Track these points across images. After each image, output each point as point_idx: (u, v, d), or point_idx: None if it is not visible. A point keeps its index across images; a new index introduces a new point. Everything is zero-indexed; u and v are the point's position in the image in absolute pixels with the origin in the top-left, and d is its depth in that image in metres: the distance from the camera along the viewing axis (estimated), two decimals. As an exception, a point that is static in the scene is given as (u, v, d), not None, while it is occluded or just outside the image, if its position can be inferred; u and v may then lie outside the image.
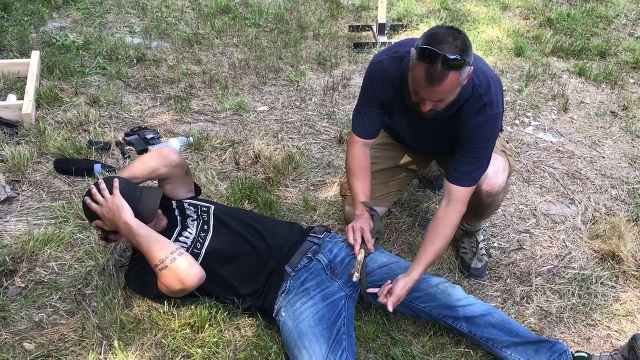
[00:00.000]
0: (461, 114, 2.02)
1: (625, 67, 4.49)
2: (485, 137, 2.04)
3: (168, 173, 2.20)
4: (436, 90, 1.82)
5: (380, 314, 2.20)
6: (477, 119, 2.00)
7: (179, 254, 1.93)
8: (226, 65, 4.09)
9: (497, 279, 2.48)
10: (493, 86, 2.01)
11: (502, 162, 2.20)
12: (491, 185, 2.16)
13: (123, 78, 3.78)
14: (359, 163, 2.27)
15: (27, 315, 2.10)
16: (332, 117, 3.55)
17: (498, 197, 2.24)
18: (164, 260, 1.90)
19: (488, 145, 2.06)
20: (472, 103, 1.99)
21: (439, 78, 1.77)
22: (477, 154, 2.05)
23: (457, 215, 2.09)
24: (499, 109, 2.03)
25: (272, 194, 2.82)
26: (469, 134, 2.03)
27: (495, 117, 2.02)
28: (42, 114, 3.28)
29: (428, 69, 1.77)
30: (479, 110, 1.99)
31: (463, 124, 2.03)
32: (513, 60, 4.47)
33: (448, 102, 1.91)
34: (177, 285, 1.91)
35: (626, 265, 2.53)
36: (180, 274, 1.90)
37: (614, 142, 3.54)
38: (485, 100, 1.98)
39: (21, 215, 2.57)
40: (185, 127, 3.32)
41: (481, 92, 1.98)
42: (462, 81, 1.84)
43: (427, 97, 1.87)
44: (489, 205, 2.29)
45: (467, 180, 2.07)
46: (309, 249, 2.17)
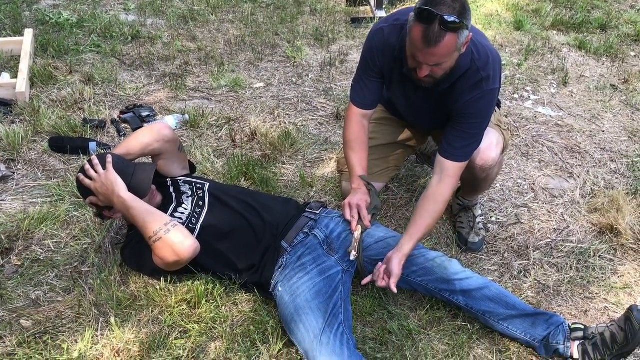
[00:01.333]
0: (458, 86, 2.00)
1: (626, 40, 4.45)
2: (480, 112, 2.02)
3: (161, 148, 2.19)
4: (433, 53, 1.79)
5: (377, 288, 2.20)
6: (473, 94, 1.97)
7: (172, 226, 1.91)
8: (222, 42, 4.04)
9: (495, 253, 2.47)
10: (492, 61, 1.98)
11: (496, 136, 2.18)
12: (484, 160, 2.14)
13: (118, 56, 3.74)
14: (357, 135, 2.25)
15: (23, 293, 2.10)
16: (329, 94, 3.51)
17: (492, 171, 2.23)
18: (157, 232, 1.89)
19: (482, 121, 2.04)
20: (469, 76, 1.97)
21: (436, 39, 1.74)
22: (471, 129, 2.03)
23: (448, 191, 2.09)
24: (496, 85, 2.00)
25: (269, 171, 2.80)
26: (464, 109, 2.01)
27: (491, 93, 1.99)
28: (36, 92, 3.25)
29: (425, 30, 1.74)
30: (475, 85, 1.97)
31: (459, 98, 2.00)
32: (512, 34, 4.42)
33: (445, 69, 1.88)
34: (172, 257, 1.90)
35: (624, 238, 2.52)
36: (175, 245, 1.89)
37: (614, 115, 3.51)
38: (482, 74, 1.96)
39: (17, 194, 2.56)
40: (180, 105, 3.30)
41: (479, 65, 1.96)
42: (460, 46, 1.81)
43: (424, 61, 1.83)
44: (484, 180, 2.28)
45: (460, 155, 2.05)
46: (306, 224, 2.16)
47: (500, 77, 2.04)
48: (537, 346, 1.98)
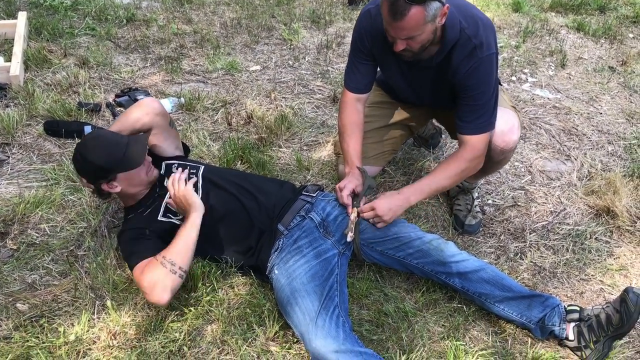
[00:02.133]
0: (452, 58, 1.98)
1: (625, 22, 4.42)
2: (481, 81, 1.99)
3: (151, 122, 2.17)
4: (400, 26, 1.79)
5: (373, 271, 2.21)
6: (469, 64, 1.95)
7: (179, 275, 1.86)
8: (218, 25, 4.01)
9: (491, 236, 2.47)
10: (482, 28, 1.96)
11: (516, 118, 2.17)
12: (506, 142, 2.13)
13: (113, 39, 3.70)
14: (350, 120, 2.24)
15: (19, 276, 2.10)
16: (326, 76, 3.49)
17: (510, 153, 2.22)
18: (171, 263, 1.85)
19: (486, 89, 2.00)
20: (462, 46, 1.95)
21: (401, 12, 1.75)
22: (477, 100, 2.01)
23: (467, 159, 2.07)
24: (491, 50, 1.97)
25: (265, 155, 2.79)
26: (464, 81, 1.99)
27: (488, 59, 1.96)
28: (30, 76, 3.23)
29: (391, 5, 1.76)
30: (469, 54, 1.95)
31: (456, 70, 1.99)
32: (511, 16, 4.39)
33: (422, 42, 1.87)
34: (146, 284, 1.82)
35: (621, 220, 2.52)
36: (159, 284, 1.82)
37: (612, 97, 3.49)
38: (474, 42, 1.94)
39: (12, 178, 2.55)
40: (176, 88, 3.27)
41: (469, 34, 1.94)
42: (431, 18, 1.79)
43: (395, 35, 1.84)
44: (499, 162, 2.27)
45: (474, 128, 2.04)
46: (302, 207, 2.16)
47: (495, 43, 2.00)
48: (533, 328, 1.99)
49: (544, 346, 2.00)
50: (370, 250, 2.11)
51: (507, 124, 2.11)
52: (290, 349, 1.91)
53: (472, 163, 2.07)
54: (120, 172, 2.01)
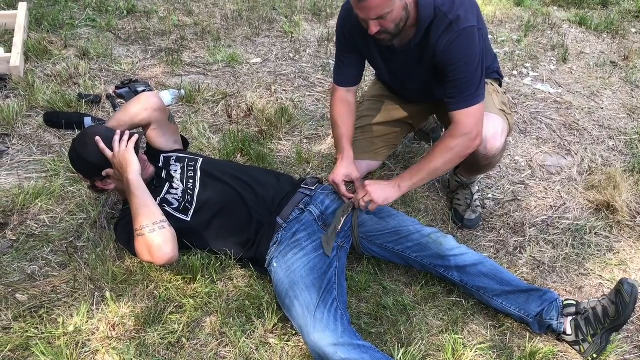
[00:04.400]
0: (430, 37, 1.96)
1: (627, 17, 4.40)
2: (461, 54, 1.94)
3: (150, 117, 2.17)
4: (367, 6, 1.80)
5: (372, 264, 2.21)
6: (446, 38, 1.93)
7: (160, 227, 1.88)
8: (218, 17, 4.00)
9: (491, 230, 2.47)
10: (459, 3, 1.93)
11: (501, 124, 2.14)
12: (489, 149, 2.12)
13: (113, 30, 3.69)
14: (340, 111, 2.26)
15: (19, 267, 2.10)
16: (326, 69, 3.48)
17: (495, 158, 2.21)
18: (143, 227, 1.87)
19: (468, 61, 1.95)
20: (438, 24, 1.93)
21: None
22: (459, 74, 1.96)
23: (455, 136, 2.01)
24: (470, 22, 1.93)
25: (265, 147, 2.79)
26: (444, 56, 1.96)
27: (466, 32, 1.92)
28: (31, 67, 3.22)
29: None
30: (446, 29, 1.92)
31: (435, 48, 1.96)
32: (512, 10, 4.37)
33: (394, 20, 1.86)
34: (146, 256, 1.88)
35: (620, 215, 2.52)
36: (152, 247, 1.85)
37: (613, 92, 3.48)
38: (450, 17, 1.92)
39: (11, 169, 2.55)
40: (176, 80, 3.27)
41: (444, 10, 1.92)
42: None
43: (365, 17, 1.85)
44: (486, 166, 2.27)
45: (459, 103, 1.99)
46: (301, 200, 2.16)
47: (474, 16, 1.96)
48: (531, 322, 1.99)
49: (542, 340, 2.01)
50: (369, 243, 2.12)
51: (490, 130, 2.09)
52: (289, 342, 1.92)
53: (462, 139, 2.00)
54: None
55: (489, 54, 2.30)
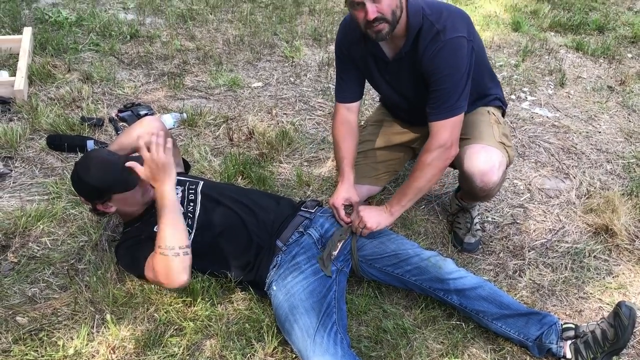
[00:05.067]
0: (418, 46, 2.01)
1: (623, 42, 4.46)
2: (446, 64, 1.97)
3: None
4: None
5: (372, 287, 2.21)
6: (433, 47, 1.97)
7: (184, 253, 1.87)
8: (220, 41, 4.05)
9: (490, 253, 2.48)
10: (446, 14, 1.99)
11: (499, 157, 2.16)
12: (485, 182, 2.14)
13: (116, 54, 3.74)
14: (340, 131, 2.29)
15: (20, 290, 2.11)
16: (327, 93, 3.52)
17: (492, 191, 2.23)
18: (169, 248, 1.85)
19: (451, 72, 1.98)
20: (425, 33, 1.99)
21: None
22: (441, 84, 1.99)
23: (431, 149, 2.04)
24: (457, 33, 1.97)
25: (266, 170, 2.81)
26: (429, 65, 1.99)
27: (452, 42, 1.96)
28: (34, 90, 3.26)
29: None
30: (433, 38, 1.97)
31: (422, 57, 2.00)
32: (510, 36, 4.44)
33: (390, 5, 1.89)
34: (162, 277, 1.87)
35: (619, 238, 2.53)
36: (172, 271, 1.85)
37: (610, 116, 3.52)
38: (437, 27, 1.97)
39: (14, 191, 2.57)
40: (178, 104, 3.30)
41: (432, 20, 1.98)
42: None
43: None
44: (484, 197, 2.30)
45: (437, 114, 2.01)
46: (301, 223, 2.17)
47: (465, 27, 2.01)
48: (530, 346, 1.99)
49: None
50: (369, 267, 2.13)
51: (486, 164, 2.11)
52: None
53: (438, 152, 2.03)
54: (115, 194, 2.03)
55: (487, 74, 2.33)
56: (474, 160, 2.14)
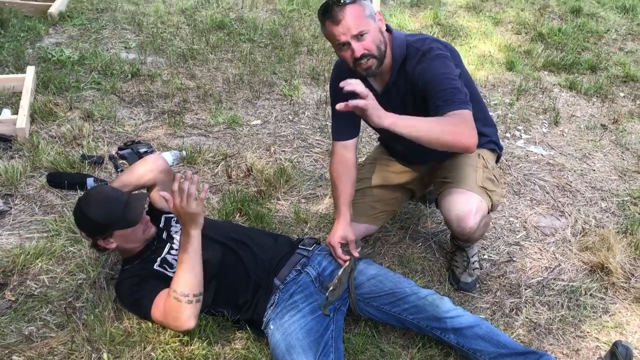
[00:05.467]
0: (406, 71, 2.09)
1: (615, 81, 4.54)
2: (440, 71, 2.02)
3: (155, 179, 2.23)
4: (346, 24, 1.94)
5: (369, 326, 2.21)
6: (421, 65, 2.06)
7: (197, 301, 1.89)
8: (220, 80, 4.12)
9: (487, 291, 2.49)
10: (429, 39, 2.10)
11: (476, 203, 2.17)
12: (462, 227, 2.17)
13: (117, 93, 3.81)
14: (338, 169, 2.33)
15: (16, 328, 2.10)
16: (324, 131, 3.57)
17: (473, 235, 2.24)
18: (184, 295, 1.86)
19: (448, 77, 2.00)
20: (412, 57, 2.08)
21: (341, 13, 1.93)
22: (442, 86, 2.00)
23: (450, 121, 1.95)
24: (441, 51, 2.06)
25: (264, 207, 2.83)
26: (423, 79, 2.05)
27: (438, 57, 2.04)
28: (36, 128, 3.31)
29: (329, 14, 1.95)
30: (419, 59, 2.07)
31: (413, 77, 2.08)
32: (505, 75, 4.52)
33: (374, 40, 1.98)
34: (171, 320, 1.88)
35: (615, 277, 2.54)
36: (182, 316, 1.86)
37: (604, 155, 3.57)
38: (422, 49, 2.07)
39: (13, 228, 2.58)
40: (178, 141, 3.35)
41: (417, 46, 2.08)
42: (369, 13, 1.98)
43: (347, 38, 1.95)
44: (467, 240, 2.34)
45: (450, 105, 1.97)
46: (298, 261, 2.18)
47: (447, 47, 2.11)
48: (528, 385, 1.98)
49: (540, 404, 1.99)
50: (366, 305, 2.13)
51: (463, 209, 2.14)
52: (285, 405, 1.90)
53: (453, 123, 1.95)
54: (117, 230, 2.05)
55: (480, 113, 2.35)
56: (451, 205, 2.18)
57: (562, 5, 6.17)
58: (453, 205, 2.18)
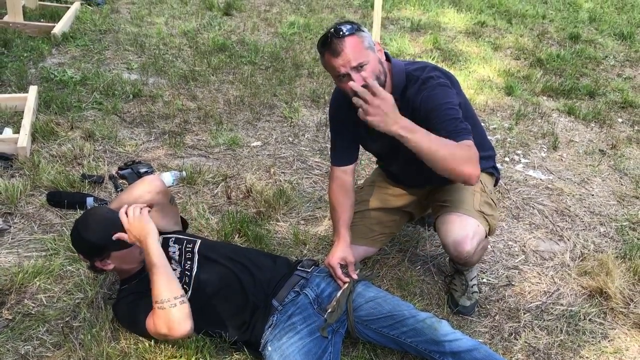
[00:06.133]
0: (406, 99, 2.09)
1: (613, 107, 4.58)
2: (441, 100, 2.03)
3: (152, 200, 2.23)
4: (345, 57, 1.94)
5: (367, 349, 2.20)
6: (422, 93, 2.06)
7: (180, 302, 1.91)
8: (221, 102, 4.16)
9: (486, 315, 2.48)
10: (429, 67, 2.11)
11: (474, 227, 2.18)
12: (459, 252, 2.18)
13: (119, 113, 3.83)
14: (337, 195, 2.33)
15: (12, 347, 2.09)
16: (324, 153, 3.59)
17: (470, 260, 2.25)
18: (164, 301, 1.89)
19: (449, 106, 2.01)
20: (412, 86, 2.09)
21: (339, 45, 1.93)
22: (444, 116, 2.01)
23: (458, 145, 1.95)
24: (441, 79, 2.07)
25: (263, 228, 2.84)
26: (425, 108, 2.05)
27: (440, 85, 2.06)
28: (37, 147, 3.32)
29: (328, 46, 1.95)
30: (420, 87, 2.07)
31: (414, 105, 2.07)
32: (504, 99, 4.55)
33: (374, 70, 1.97)
34: (164, 329, 1.90)
35: (614, 302, 2.54)
36: (173, 322, 1.88)
37: (603, 180, 3.58)
38: (422, 77, 2.08)
39: (12, 247, 2.58)
40: (178, 162, 3.36)
41: (416, 74, 2.09)
42: (368, 45, 1.98)
43: (345, 69, 1.96)
44: (464, 264, 2.33)
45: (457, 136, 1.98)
46: (297, 282, 2.18)
47: (446, 76, 2.12)
48: (527, 411, 1.97)
49: None
50: (365, 328, 2.12)
51: (460, 233, 2.15)
52: None
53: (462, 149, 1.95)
54: (114, 251, 2.06)
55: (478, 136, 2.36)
56: (448, 229, 2.19)
57: (561, 31, 6.24)
58: (450, 229, 2.19)
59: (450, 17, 6.38)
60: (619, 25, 6.51)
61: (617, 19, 6.74)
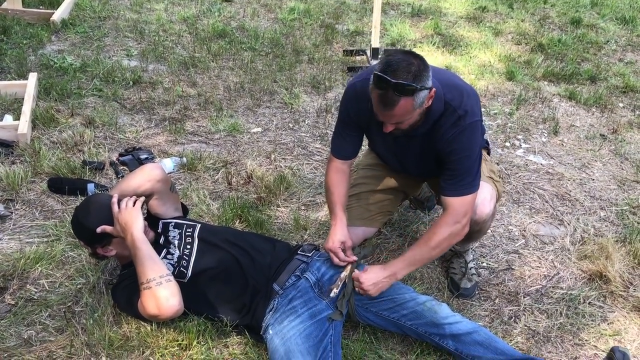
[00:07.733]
0: (437, 128, 2.06)
1: (615, 92, 4.56)
2: (465, 146, 2.04)
3: (152, 188, 2.24)
4: (390, 115, 1.91)
5: (368, 332, 2.22)
6: (453, 130, 2.03)
7: (166, 280, 1.94)
8: (221, 88, 4.15)
9: (486, 299, 2.49)
10: (466, 97, 2.04)
11: (490, 190, 2.23)
12: (479, 215, 2.19)
13: (119, 100, 3.83)
14: (334, 179, 2.32)
15: (16, 332, 2.11)
16: (324, 139, 3.59)
17: (485, 224, 2.28)
18: (150, 280, 1.93)
19: (470, 154, 2.05)
20: (447, 117, 2.03)
21: (391, 103, 1.85)
22: (459, 164, 2.06)
23: (450, 223, 2.07)
24: (475, 117, 2.05)
25: (264, 214, 2.84)
26: (448, 146, 2.05)
27: (471, 126, 2.03)
28: (37, 134, 3.32)
29: (381, 95, 1.86)
30: (454, 123, 2.03)
31: (441, 138, 2.06)
32: (504, 84, 4.54)
33: (410, 124, 1.98)
34: (153, 310, 1.92)
35: (614, 285, 2.55)
36: (160, 299, 1.91)
37: (604, 164, 3.58)
38: (459, 112, 2.02)
39: (14, 233, 2.59)
40: (179, 148, 3.36)
41: (454, 105, 2.02)
42: (419, 105, 1.90)
43: (385, 120, 1.96)
44: (477, 232, 2.33)
45: (455, 190, 2.06)
46: (298, 267, 2.19)
47: (479, 110, 2.09)
48: (526, 392, 1.99)
49: (539, 412, 1.99)
50: (365, 311, 2.14)
51: (479, 197, 2.16)
52: (283, 411, 1.90)
53: (455, 227, 2.08)
54: (115, 237, 2.07)
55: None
56: None
57: (562, 16, 6.20)
58: None
59: (451, 2, 6.34)
60: (621, 10, 6.46)
61: (619, 3, 6.69)
